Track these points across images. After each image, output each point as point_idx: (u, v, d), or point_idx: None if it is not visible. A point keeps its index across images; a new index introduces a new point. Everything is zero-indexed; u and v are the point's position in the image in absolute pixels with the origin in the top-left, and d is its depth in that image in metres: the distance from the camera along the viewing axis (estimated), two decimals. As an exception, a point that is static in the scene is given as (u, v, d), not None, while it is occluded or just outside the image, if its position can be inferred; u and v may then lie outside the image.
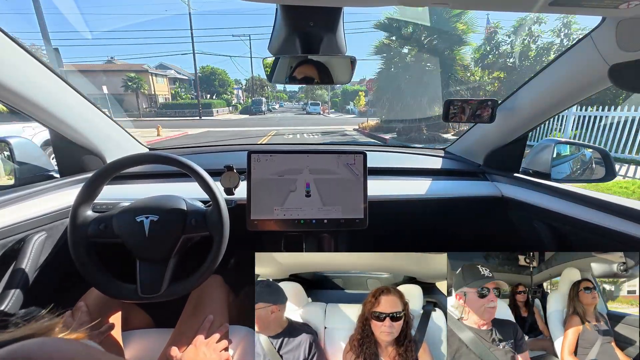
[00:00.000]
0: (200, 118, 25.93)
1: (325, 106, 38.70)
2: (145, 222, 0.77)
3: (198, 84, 28.83)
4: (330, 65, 0.90)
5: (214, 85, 39.20)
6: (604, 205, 0.87)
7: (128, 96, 28.29)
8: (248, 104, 37.26)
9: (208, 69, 39.93)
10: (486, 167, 1.35)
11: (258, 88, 48.62)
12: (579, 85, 0.90)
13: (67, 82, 0.95)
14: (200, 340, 0.76)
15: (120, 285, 0.77)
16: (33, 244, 0.88)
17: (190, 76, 41.71)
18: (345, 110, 37.78)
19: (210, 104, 31.63)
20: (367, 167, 1.02)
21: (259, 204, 0.99)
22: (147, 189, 1.13)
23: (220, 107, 33.07)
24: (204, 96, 37.63)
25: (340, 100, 42.64)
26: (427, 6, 0.59)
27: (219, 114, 31.33)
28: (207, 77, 39.62)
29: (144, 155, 0.81)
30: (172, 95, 35.79)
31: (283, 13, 0.74)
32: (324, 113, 35.23)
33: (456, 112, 1.11)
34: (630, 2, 0.54)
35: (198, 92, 28.99)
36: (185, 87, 39.57)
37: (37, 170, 1.07)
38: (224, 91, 39.48)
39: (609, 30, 0.73)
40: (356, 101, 32.56)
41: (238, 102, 43.31)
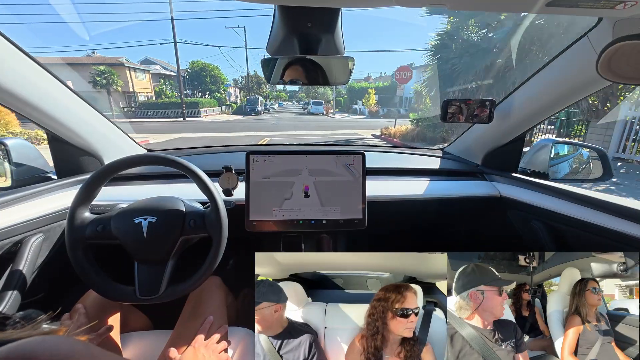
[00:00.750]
0: (184, 119, 22.76)
1: (328, 106, 35.55)
2: (144, 224, 0.76)
3: (180, 79, 24.34)
4: (329, 66, 0.90)
5: (205, 82, 34.90)
6: (601, 205, 0.88)
7: (97, 93, 24.70)
8: (245, 102, 33.03)
9: (198, 65, 35.37)
10: (484, 167, 1.36)
11: (254, 86, 44.28)
12: (576, 85, 0.91)
13: (63, 83, 0.94)
14: (200, 342, 0.76)
15: (118, 287, 0.76)
16: (30, 246, 0.87)
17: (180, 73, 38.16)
18: (352, 110, 34.82)
19: (196, 103, 27.20)
20: (366, 167, 1.02)
21: (258, 205, 0.99)
22: (145, 190, 1.12)
23: (210, 106, 29.21)
24: (194, 95, 34.66)
25: (346, 99, 39.65)
26: (425, 7, 0.59)
27: (208, 115, 27.74)
28: (197, 73, 35.07)
29: (141, 156, 0.80)
30: (157, 93, 31.51)
31: (281, 14, 0.74)
32: (327, 113, 31.99)
33: (454, 112, 1.11)
34: (626, 3, 0.54)
35: (181, 88, 24.41)
36: (172, 84, 35.00)
37: (34, 171, 1.06)
38: (217, 89, 35.33)
39: (605, 31, 0.74)
40: (365, 100, 29.53)
41: (232, 102, 38.19)
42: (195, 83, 35.32)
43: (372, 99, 28.96)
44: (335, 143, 10.35)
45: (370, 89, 31.25)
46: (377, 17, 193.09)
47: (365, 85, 36.78)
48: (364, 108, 31.11)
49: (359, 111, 32.62)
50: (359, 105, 33.72)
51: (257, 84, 44.40)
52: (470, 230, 1.47)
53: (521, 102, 1.08)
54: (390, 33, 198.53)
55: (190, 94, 35.62)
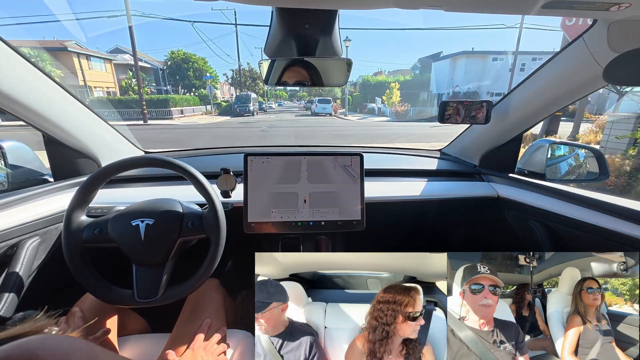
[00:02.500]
0: (145, 122, 16.75)
1: (336, 105, 28.28)
2: (141, 226, 0.76)
3: (137, 67, 16.66)
4: (326, 67, 0.90)
5: (187, 76, 28.29)
6: (598, 205, 0.89)
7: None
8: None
9: (179, 55, 28.39)
10: (482, 167, 1.37)
11: (248, 81, 36.29)
12: (572, 86, 0.92)
13: (59, 84, 0.94)
14: (198, 345, 0.76)
15: (116, 290, 0.76)
16: (26, 249, 0.86)
17: (157, 65, 31.17)
18: (369, 110, 28.04)
19: (166, 101, 20.59)
20: (364, 168, 1.02)
21: (256, 207, 0.98)
22: (142, 192, 1.12)
23: (187, 105, 23.16)
24: (180, 92, 28.23)
25: (358, 96, 31.91)
26: (422, 8, 0.59)
27: (185, 116, 21.47)
28: (178, 65, 28.23)
29: (139, 158, 0.80)
30: (123, 88, 24.36)
31: (278, 15, 0.75)
32: (336, 114, 25.50)
33: (451, 113, 1.12)
34: (620, 5, 0.55)
35: (139, 80, 16.31)
36: (143, 77, 25.24)
37: (31, 174, 1.05)
38: (203, 84, 28.48)
39: (600, 32, 0.75)
40: (386, 97, 23.36)
41: (222, 100, 32.08)
42: (176, 77, 28.95)
43: (395, 95, 22.49)
44: (332, 145, 8.88)
45: (393, 82, 25.11)
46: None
47: (383, 80, 30.01)
48: (385, 107, 24.50)
49: (379, 111, 25.90)
50: (377, 104, 26.50)
51: (251, 79, 36.84)
52: (468, 230, 1.47)
53: (518, 103, 1.09)
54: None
55: (171, 90, 29.66)
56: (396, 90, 22.94)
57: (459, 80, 25.20)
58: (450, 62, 26.19)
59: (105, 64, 25.82)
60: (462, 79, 25.01)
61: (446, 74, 26.28)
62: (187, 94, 27.02)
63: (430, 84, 29.30)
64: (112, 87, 25.80)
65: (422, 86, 29.63)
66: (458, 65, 25.82)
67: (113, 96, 23.80)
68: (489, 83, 24.12)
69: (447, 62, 26.66)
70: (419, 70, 35.73)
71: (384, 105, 24.52)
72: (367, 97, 30.23)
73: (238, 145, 1.57)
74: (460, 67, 25.45)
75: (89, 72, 23.33)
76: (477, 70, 24.81)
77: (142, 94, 16.54)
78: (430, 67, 30.11)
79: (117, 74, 26.42)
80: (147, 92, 24.93)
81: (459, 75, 25.41)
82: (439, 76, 27.66)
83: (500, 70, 24.12)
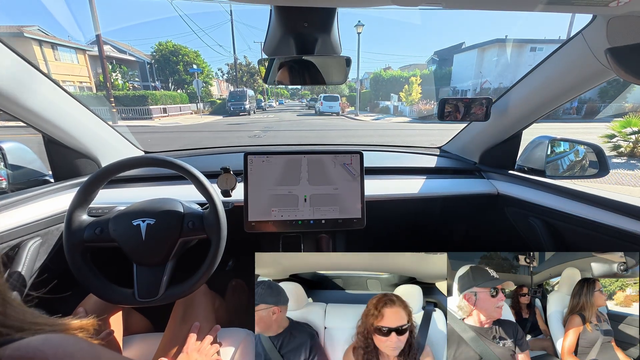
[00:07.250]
0: (115, 123, 12.73)
1: (342, 103, 23.62)
2: (142, 226, 0.76)
3: (103, 57, 13.90)
4: (325, 65, 0.90)
5: (177, 70, 25.18)
6: (597, 201, 0.89)
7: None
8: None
9: (167, 47, 25.18)
10: (482, 164, 1.36)
11: (246, 76, 33.09)
12: (572, 82, 0.92)
13: (59, 85, 0.94)
14: (192, 347, 0.76)
15: (117, 290, 0.76)
16: (28, 250, 0.86)
17: (144, 58, 27.80)
18: (381, 109, 23.94)
19: (144, 98, 17.60)
20: (364, 166, 1.02)
21: (256, 206, 0.98)
22: (143, 192, 1.12)
23: (174, 102, 20.39)
24: (169, 88, 25.01)
25: (368, 93, 27.72)
26: (420, 6, 0.59)
27: (169, 115, 18.55)
28: (167, 58, 25.03)
29: (139, 158, 0.80)
30: (99, 83, 21.26)
31: (277, 14, 0.74)
32: (344, 113, 21.94)
33: (451, 110, 1.12)
34: (619, 0, 0.55)
35: (105, 74, 13.93)
36: (124, 70, 23.61)
37: (31, 174, 1.05)
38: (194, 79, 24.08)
39: (599, 28, 0.74)
40: (405, 94, 19.77)
41: (217, 97, 28.15)
42: (166, 72, 25.75)
43: (415, 91, 18.93)
44: (332, 144, 8.15)
45: (413, 76, 20.87)
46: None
47: (398, 74, 25.23)
48: (402, 105, 20.46)
49: (395, 110, 21.93)
50: (393, 102, 22.38)
51: (249, 74, 33.30)
52: (469, 228, 1.47)
53: (517, 100, 1.09)
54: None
55: (160, 86, 26.55)
56: (416, 85, 19.82)
57: (488, 74, 22.28)
58: (478, 53, 22.98)
59: (78, 54, 21.58)
60: (493, 73, 21.96)
61: (472, 67, 23.32)
62: (179, 91, 24.20)
63: (451, 78, 26.57)
64: (86, 81, 21.99)
65: (443, 81, 26.88)
66: (487, 56, 22.70)
67: (88, 92, 20.09)
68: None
69: (473, 54, 23.52)
70: (437, 64, 31.57)
71: (402, 104, 20.80)
72: (379, 94, 26.20)
73: (238, 145, 1.57)
74: (491, 59, 22.44)
75: (55, 63, 19.61)
76: (512, 62, 21.44)
77: (110, 88, 14.19)
78: (451, 60, 26.89)
79: (94, 68, 22.70)
80: (129, 88, 21.81)
81: (489, 68, 22.29)
82: (462, 70, 24.85)
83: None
